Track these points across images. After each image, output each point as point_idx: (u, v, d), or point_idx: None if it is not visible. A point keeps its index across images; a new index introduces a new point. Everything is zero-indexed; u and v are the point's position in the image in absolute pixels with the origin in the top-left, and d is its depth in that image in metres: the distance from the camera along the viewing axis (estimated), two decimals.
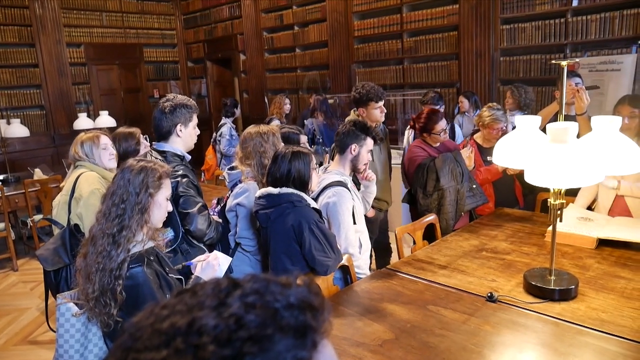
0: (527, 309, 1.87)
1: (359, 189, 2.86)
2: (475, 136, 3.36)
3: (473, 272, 2.22)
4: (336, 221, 2.35)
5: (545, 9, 4.75)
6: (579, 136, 1.94)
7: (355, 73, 6.43)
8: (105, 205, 1.65)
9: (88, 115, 6.66)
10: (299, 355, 0.46)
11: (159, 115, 2.40)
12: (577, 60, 4.28)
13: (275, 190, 2.12)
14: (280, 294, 0.49)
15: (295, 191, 2.12)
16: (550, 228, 2.21)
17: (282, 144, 2.62)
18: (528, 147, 1.91)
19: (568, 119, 2.59)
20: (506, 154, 2.03)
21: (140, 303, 1.55)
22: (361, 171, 2.58)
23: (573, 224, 2.55)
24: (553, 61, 2.15)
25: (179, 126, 2.39)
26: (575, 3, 4.57)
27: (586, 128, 2.17)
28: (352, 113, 3.13)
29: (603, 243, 2.41)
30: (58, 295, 1.84)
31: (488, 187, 3.20)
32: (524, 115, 3.14)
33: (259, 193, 2.20)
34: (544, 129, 1.92)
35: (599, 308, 1.85)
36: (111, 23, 8.38)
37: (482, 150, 3.23)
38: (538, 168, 1.72)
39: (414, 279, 2.20)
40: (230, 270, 2.59)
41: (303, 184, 2.15)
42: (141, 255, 1.63)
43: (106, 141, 2.82)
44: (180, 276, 1.83)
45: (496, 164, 2.56)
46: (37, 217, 4.88)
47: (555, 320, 1.79)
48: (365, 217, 3.01)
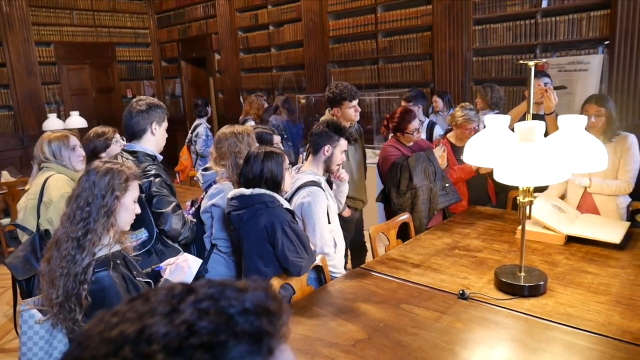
0: (498, 306, 1.90)
1: (331, 188, 2.87)
2: (448, 135, 3.40)
3: (445, 270, 2.24)
4: (311, 221, 2.34)
5: (516, 10, 4.83)
6: (548, 135, 1.98)
7: (331, 73, 6.43)
8: (70, 208, 1.60)
9: (58, 116, 6.50)
10: None
11: (133, 115, 2.37)
12: (544, 60, 4.38)
13: (247, 191, 2.10)
14: (235, 299, 0.47)
15: (268, 192, 2.10)
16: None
17: (257, 144, 2.61)
18: (497, 146, 1.93)
19: (537, 118, 2.65)
20: (476, 153, 2.06)
21: (106, 308, 1.51)
22: (334, 171, 2.58)
23: (548, 211, 2.58)
24: (521, 61, 2.18)
25: (154, 124, 2.38)
26: (544, 4, 4.66)
27: (555, 127, 2.21)
28: (327, 113, 3.13)
29: (571, 239, 2.46)
30: (22, 301, 1.79)
31: (461, 186, 3.23)
32: (495, 114, 3.19)
33: (231, 194, 2.18)
34: (513, 128, 1.95)
35: (567, 303, 1.88)
36: (82, 21, 8.20)
37: (455, 150, 3.27)
38: (507, 167, 1.75)
39: (387, 278, 2.20)
40: (206, 271, 2.58)
41: (276, 184, 2.13)
42: (107, 259, 1.60)
43: (75, 142, 2.75)
44: (149, 279, 1.80)
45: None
46: (5, 221, 4.74)
47: (524, 316, 1.82)
48: (341, 217, 3.02)
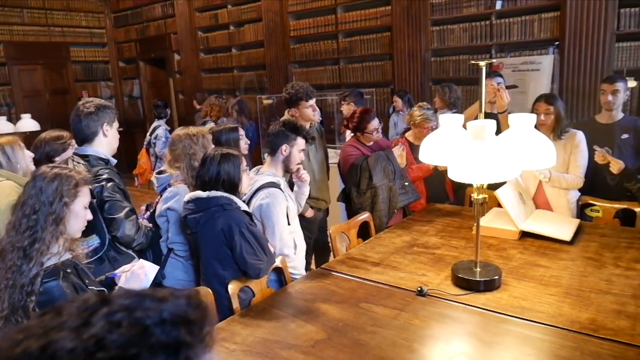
0: (455, 301, 1.93)
1: (292, 190, 2.86)
2: (407, 134, 3.45)
3: (404, 268, 2.26)
4: (270, 222, 2.33)
5: (472, 11, 4.96)
6: (499, 133, 2.03)
7: (292, 73, 6.43)
8: (15, 217, 1.54)
9: (9, 119, 6.24)
10: None
11: (82, 118, 2.30)
12: (495, 61, 4.51)
13: (204, 194, 2.07)
14: (153, 310, 0.46)
15: (225, 194, 2.07)
16: (481, 222, 2.32)
17: (213, 145, 2.57)
18: (451, 145, 1.97)
19: (491, 117, 2.71)
20: (431, 152, 2.09)
21: None
22: (294, 171, 2.57)
23: (513, 199, 2.64)
24: (473, 61, 2.23)
25: (105, 125, 2.32)
26: (498, 6, 4.80)
27: (507, 125, 2.27)
28: (286, 114, 3.12)
29: (525, 233, 2.54)
30: None
31: (420, 184, 3.29)
32: (453, 113, 3.26)
33: (187, 197, 2.14)
34: None
35: (520, 296, 1.94)
36: (33, 20, 7.91)
37: (414, 148, 3.31)
38: (460, 165, 1.79)
39: (347, 277, 2.21)
40: (163, 277, 2.53)
41: (233, 186, 2.11)
42: (57, 268, 1.54)
43: (23, 145, 2.65)
44: (102, 288, 1.74)
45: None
46: None
47: (480, 311, 1.86)
48: (304, 217, 3.02)
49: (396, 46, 5.43)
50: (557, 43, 4.48)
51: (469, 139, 1.82)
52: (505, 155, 1.75)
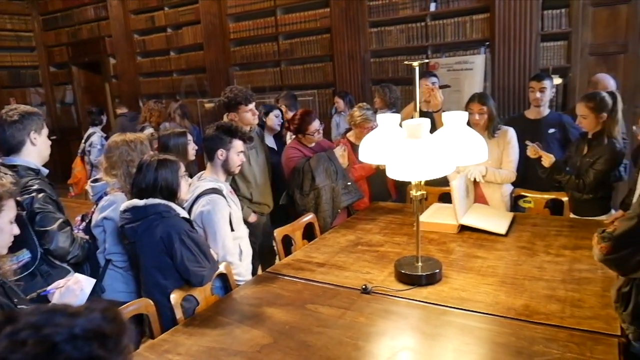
0: (398, 297, 1.98)
1: (238, 196, 2.83)
2: (348, 135, 3.49)
3: (349, 267, 2.29)
4: (212, 229, 2.29)
5: (407, 13, 5.08)
6: (434, 131, 2.09)
7: (233, 76, 6.35)
8: None
9: None
10: None
11: (6, 127, 2.16)
12: (429, 61, 4.66)
13: (141, 202, 2.01)
14: (63, 326, 0.44)
15: (163, 201, 2.02)
16: (421, 217, 2.39)
17: (151, 152, 2.50)
18: (389, 144, 2.01)
19: (427, 115, 2.80)
20: (370, 151, 2.13)
21: None
22: (236, 173, 2.55)
23: (461, 192, 2.73)
24: (406, 62, 2.29)
25: (32, 134, 2.19)
26: (432, 8, 4.96)
27: (442, 123, 2.35)
28: (225, 118, 3.07)
29: (464, 227, 2.64)
30: None
31: (363, 183, 3.34)
32: (392, 113, 3.32)
33: (123, 206, 2.07)
34: None
35: (460, 288, 2.01)
36: None
37: (356, 148, 3.35)
38: (397, 163, 1.83)
39: (293, 279, 2.21)
40: (103, 290, 2.42)
41: (171, 193, 2.05)
42: None
43: None
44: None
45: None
46: None
47: (423, 304, 1.91)
48: (248, 222, 2.98)
49: (336, 48, 5.48)
50: (488, 43, 4.68)
51: (405, 137, 1.86)
52: (439, 152, 1.81)
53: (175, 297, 1.97)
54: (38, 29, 8.44)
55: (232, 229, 2.38)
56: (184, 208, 2.21)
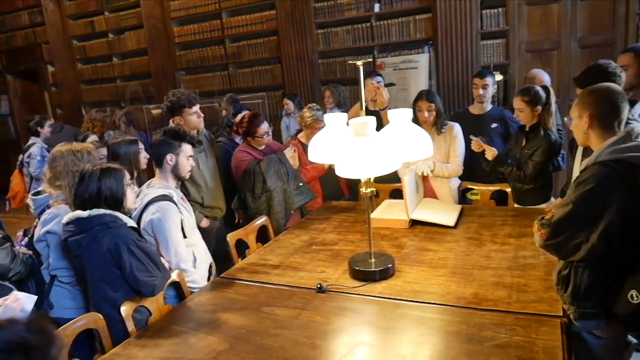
0: (353, 293, 2.00)
1: (190, 201, 2.77)
2: (299, 136, 3.50)
3: (304, 267, 2.29)
4: (163, 237, 2.23)
5: (353, 14, 5.16)
6: (381, 129, 2.13)
7: (180, 81, 6.23)
8: None
9: None
10: None
11: None
12: (371, 60, 4.76)
13: (84, 213, 1.93)
14: None
15: (108, 211, 1.95)
16: (372, 214, 2.43)
17: (98, 161, 2.41)
18: (337, 143, 2.03)
19: (374, 114, 2.84)
20: (319, 151, 2.14)
21: None
22: (187, 178, 2.50)
23: (412, 187, 2.79)
24: (350, 62, 2.32)
25: None
26: (376, 9, 5.05)
27: (389, 121, 2.39)
28: (171, 123, 3.00)
29: (415, 221, 2.70)
30: None
31: (315, 184, 3.35)
32: (341, 112, 3.36)
33: (66, 218, 1.98)
34: None
35: (413, 281, 2.06)
36: None
37: (307, 149, 3.37)
38: (345, 161, 1.85)
39: (247, 283, 2.19)
40: (51, 306, 2.32)
41: (117, 202, 1.99)
42: None
43: None
44: None
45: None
46: None
47: (377, 299, 1.94)
48: (200, 228, 2.93)
49: (284, 49, 5.48)
50: (431, 42, 4.82)
51: (352, 136, 1.88)
52: (386, 149, 1.84)
53: (125, 309, 1.91)
54: None
55: (185, 236, 2.33)
56: (131, 217, 2.14)
